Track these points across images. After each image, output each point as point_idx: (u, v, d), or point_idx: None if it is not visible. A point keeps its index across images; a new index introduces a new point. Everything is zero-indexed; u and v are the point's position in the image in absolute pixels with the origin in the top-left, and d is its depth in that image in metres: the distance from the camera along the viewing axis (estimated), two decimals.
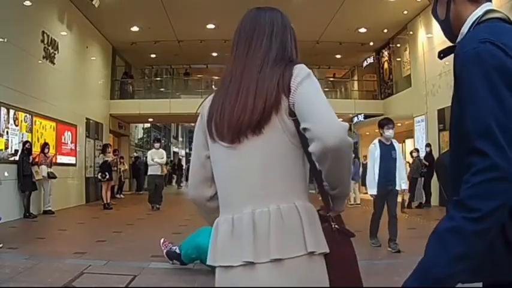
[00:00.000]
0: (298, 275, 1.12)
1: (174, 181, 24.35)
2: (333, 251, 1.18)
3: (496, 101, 1.02)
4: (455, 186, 1.07)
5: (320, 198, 1.25)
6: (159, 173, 10.63)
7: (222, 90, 1.27)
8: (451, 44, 1.31)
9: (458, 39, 1.23)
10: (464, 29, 1.21)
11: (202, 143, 1.30)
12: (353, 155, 1.27)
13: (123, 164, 15.58)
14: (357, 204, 11.63)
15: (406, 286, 1.09)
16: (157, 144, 10.86)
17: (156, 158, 10.46)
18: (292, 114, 1.16)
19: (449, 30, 1.28)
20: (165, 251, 4.51)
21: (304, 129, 1.12)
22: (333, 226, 1.23)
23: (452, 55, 1.19)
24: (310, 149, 1.11)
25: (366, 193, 6.64)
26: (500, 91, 1.02)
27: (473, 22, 1.19)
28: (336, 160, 1.12)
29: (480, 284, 1.21)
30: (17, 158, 8.46)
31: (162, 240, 4.76)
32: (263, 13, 1.33)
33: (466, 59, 1.08)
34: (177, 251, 4.48)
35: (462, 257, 1.01)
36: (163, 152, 11.15)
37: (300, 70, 1.20)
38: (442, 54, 1.31)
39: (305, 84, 1.17)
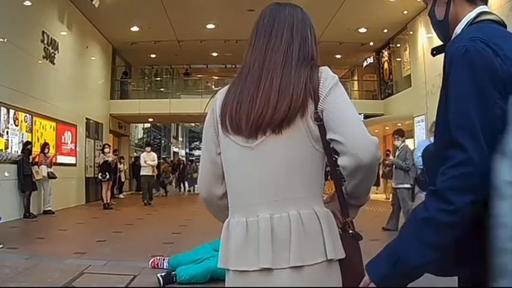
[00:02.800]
0: (317, 281, 1.10)
1: (174, 181, 24.30)
2: (348, 256, 1.17)
3: (479, 98, 1.04)
4: (433, 176, 1.09)
5: (336, 203, 1.25)
6: (150, 174, 12.00)
7: (239, 83, 1.21)
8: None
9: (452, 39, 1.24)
10: (458, 29, 1.24)
11: (212, 139, 1.23)
12: None
13: (123, 164, 15.58)
14: None
15: (376, 270, 1.13)
16: (148, 148, 12.16)
17: (148, 161, 11.79)
18: (318, 119, 1.12)
19: (446, 31, 1.30)
20: (160, 276, 3.95)
21: (333, 140, 1.10)
22: (349, 232, 1.22)
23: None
24: (342, 163, 1.10)
25: None
26: (485, 88, 1.04)
27: (467, 23, 1.21)
28: (367, 175, 1.12)
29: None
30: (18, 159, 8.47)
31: (151, 262, 4.44)
32: (283, 7, 1.28)
33: (455, 55, 1.09)
34: (166, 265, 4.32)
35: (434, 247, 1.04)
36: (155, 154, 12.51)
37: (327, 75, 1.17)
38: (435, 51, 1.32)
39: (336, 93, 1.15)
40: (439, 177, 1.05)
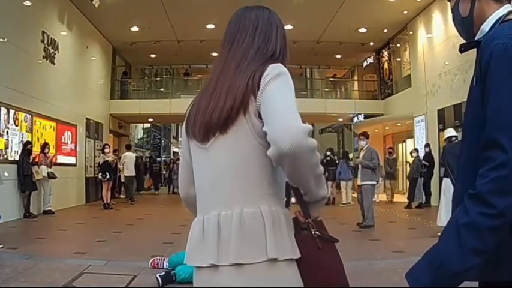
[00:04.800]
0: (259, 281, 1.09)
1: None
2: (313, 259, 1.14)
3: None
4: (467, 177, 1.07)
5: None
6: (133, 174, 13.07)
7: (202, 91, 1.29)
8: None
9: (478, 36, 1.24)
10: (486, 26, 1.23)
11: (186, 145, 1.32)
12: (320, 157, 1.15)
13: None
14: (348, 203, 11.63)
15: (417, 278, 1.09)
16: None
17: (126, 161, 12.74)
18: (259, 115, 1.13)
19: (470, 28, 1.29)
20: (159, 275, 3.97)
21: (265, 132, 1.08)
22: (313, 233, 1.16)
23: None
24: (268, 153, 1.07)
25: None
26: None
27: (497, 20, 1.21)
28: (293, 166, 1.07)
29: (474, 284, 1.21)
30: (17, 157, 8.47)
31: (150, 262, 4.48)
32: (249, 11, 1.32)
33: (495, 52, 1.08)
34: (166, 264, 4.34)
35: (477, 252, 1.01)
36: (133, 155, 14.14)
37: (272, 69, 1.16)
38: (463, 48, 1.29)
39: (272, 85, 1.12)
40: (479, 180, 1.02)
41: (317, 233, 1.17)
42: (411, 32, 13.42)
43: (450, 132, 6.84)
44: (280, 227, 1.13)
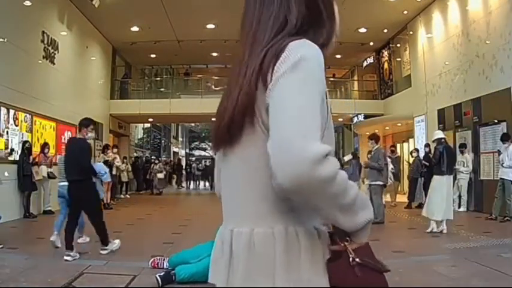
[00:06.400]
0: None
1: (174, 181, 24.32)
2: None
3: None
4: None
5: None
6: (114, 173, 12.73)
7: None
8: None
9: None
10: None
11: None
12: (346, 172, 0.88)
13: (126, 164, 15.54)
14: None
15: None
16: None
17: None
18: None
19: None
20: (159, 276, 3.94)
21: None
22: (351, 260, 0.92)
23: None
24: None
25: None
26: None
27: None
28: (304, 202, 0.86)
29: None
30: (17, 157, 8.46)
31: (150, 262, 4.47)
32: None
33: None
34: (166, 264, 4.34)
35: None
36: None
37: (290, 54, 0.88)
38: None
39: (284, 80, 0.86)
40: None
41: (357, 260, 0.93)
42: (411, 32, 13.42)
43: (439, 134, 7.59)
44: (299, 253, 0.91)
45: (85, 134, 5.21)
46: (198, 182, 23.53)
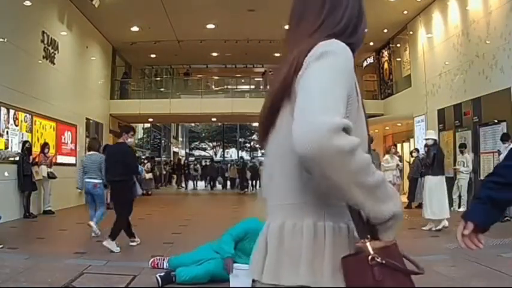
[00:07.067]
0: None
1: (173, 181, 24.32)
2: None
3: None
4: None
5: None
6: None
7: None
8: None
9: None
10: None
11: None
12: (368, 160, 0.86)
13: None
14: None
15: None
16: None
17: None
18: None
19: None
20: (159, 276, 3.92)
21: None
22: (369, 259, 0.87)
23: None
24: None
25: None
26: None
27: None
28: (322, 175, 0.84)
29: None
30: (17, 158, 8.46)
31: (150, 262, 4.45)
32: None
33: None
34: (166, 265, 4.32)
35: None
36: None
37: (319, 47, 0.94)
38: None
39: (311, 68, 0.92)
40: None
41: (378, 259, 0.87)
42: (411, 32, 13.42)
43: (432, 134, 7.88)
44: (323, 248, 0.92)
45: (126, 139, 5.75)
46: (196, 182, 23.51)
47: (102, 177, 6.54)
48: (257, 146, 39.44)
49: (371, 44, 15.70)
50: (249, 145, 40.60)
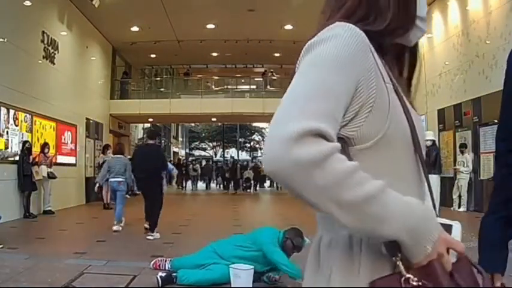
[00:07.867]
0: None
1: (173, 181, 24.30)
2: None
3: None
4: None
5: None
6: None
7: None
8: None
9: None
10: None
11: None
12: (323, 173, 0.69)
13: None
14: None
15: None
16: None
17: None
18: None
19: None
20: (159, 276, 3.91)
21: None
22: (402, 280, 0.72)
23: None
24: None
25: None
26: None
27: None
28: (291, 191, 0.71)
29: None
30: (17, 158, 8.46)
31: (152, 263, 4.43)
32: None
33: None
34: (168, 266, 4.30)
35: None
36: None
37: (318, 35, 0.80)
38: None
39: (300, 64, 0.80)
40: None
41: (413, 281, 0.71)
42: None
43: (431, 135, 8.05)
44: (359, 262, 0.78)
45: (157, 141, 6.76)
46: (195, 183, 23.51)
47: (125, 177, 7.31)
48: (257, 146, 39.60)
49: None
50: (249, 145, 40.61)
